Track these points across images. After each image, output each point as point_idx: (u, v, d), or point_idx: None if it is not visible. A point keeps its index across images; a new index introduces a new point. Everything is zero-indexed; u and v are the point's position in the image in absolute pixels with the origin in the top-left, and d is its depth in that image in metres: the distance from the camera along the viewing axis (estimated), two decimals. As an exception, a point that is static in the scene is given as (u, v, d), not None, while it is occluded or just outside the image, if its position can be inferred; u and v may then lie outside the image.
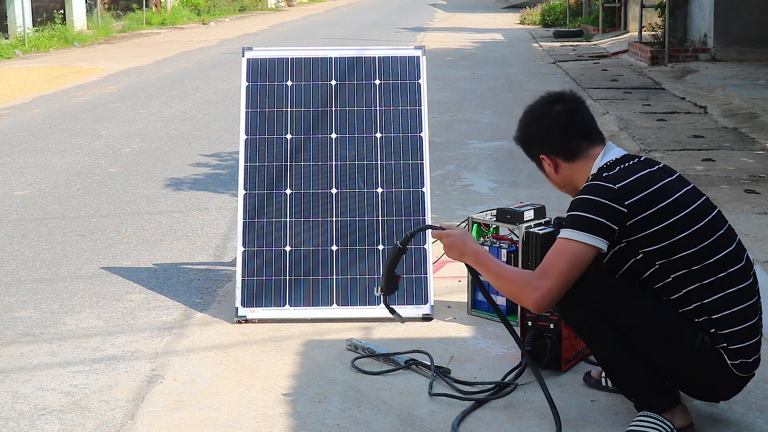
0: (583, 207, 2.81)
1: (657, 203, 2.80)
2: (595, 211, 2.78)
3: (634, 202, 2.79)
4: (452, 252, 3.05)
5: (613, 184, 2.82)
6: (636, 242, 2.81)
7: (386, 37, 20.77)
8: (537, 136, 3.05)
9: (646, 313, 2.84)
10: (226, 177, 7.12)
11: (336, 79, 4.45)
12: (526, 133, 3.10)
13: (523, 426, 3.08)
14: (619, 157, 2.94)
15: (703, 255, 2.80)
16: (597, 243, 2.77)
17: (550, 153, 3.03)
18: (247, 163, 4.29)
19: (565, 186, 3.10)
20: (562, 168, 3.03)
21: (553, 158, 3.03)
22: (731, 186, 6.20)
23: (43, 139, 8.90)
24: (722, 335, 2.80)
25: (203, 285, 4.61)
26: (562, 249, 2.80)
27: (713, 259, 2.80)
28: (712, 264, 2.80)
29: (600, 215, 2.78)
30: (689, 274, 2.80)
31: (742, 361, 2.82)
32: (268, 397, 3.32)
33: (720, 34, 13.35)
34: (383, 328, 3.97)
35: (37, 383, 3.48)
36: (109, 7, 25.95)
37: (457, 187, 6.67)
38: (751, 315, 2.83)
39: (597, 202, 2.79)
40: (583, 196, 2.84)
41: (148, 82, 13.33)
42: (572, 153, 3.00)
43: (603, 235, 2.77)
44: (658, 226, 2.79)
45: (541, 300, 2.79)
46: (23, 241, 5.46)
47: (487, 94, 11.63)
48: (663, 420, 2.89)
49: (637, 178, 2.84)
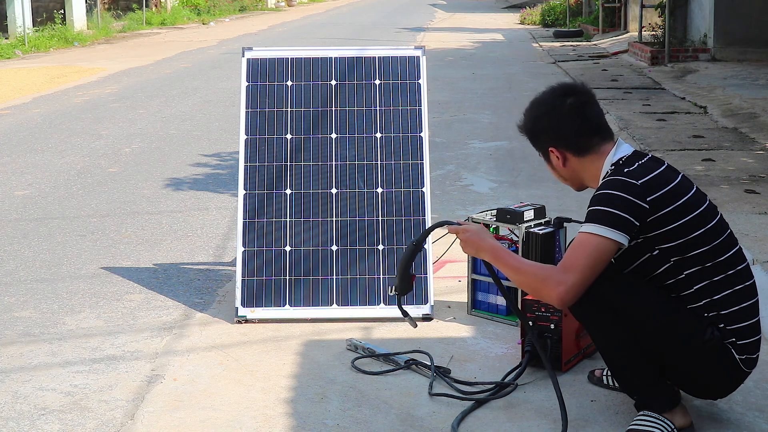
0: (606, 202, 2.80)
1: (675, 201, 2.81)
2: (618, 206, 2.78)
3: (655, 199, 2.80)
4: (469, 247, 3.03)
5: (636, 180, 2.82)
6: (653, 239, 2.82)
7: (386, 37, 20.78)
8: (548, 129, 3.02)
9: (656, 309, 2.85)
10: (226, 177, 7.12)
11: (336, 79, 4.45)
12: (536, 125, 3.06)
13: (523, 426, 3.08)
14: (631, 154, 2.93)
15: (715, 253, 2.83)
16: (619, 238, 2.77)
17: (560, 147, 3.01)
18: (247, 163, 4.29)
19: (569, 179, 3.09)
20: (570, 162, 3.02)
21: (562, 152, 3.01)
22: (731, 186, 6.20)
23: (43, 139, 8.90)
24: (730, 330, 2.83)
25: (203, 285, 4.61)
26: (585, 243, 2.78)
27: (724, 257, 2.84)
28: (722, 261, 2.83)
29: (623, 210, 2.77)
30: (702, 270, 2.82)
31: (747, 357, 2.86)
32: (268, 397, 3.32)
33: (720, 34, 13.34)
34: (383, 328, 3.97)
35: (37, 383, 3.48)
36: (109, 7, 25.96)
37: (457, 187, 6.67)
38: (754, 312, 2.88)
39: (620, 197, 2.79)
40: (606, 191, 2.82)
41: (148, 82, 13.33)
42: (584, 148, 2.98)
43: (625, 230, 2.77)
44: (676, 224, 2.80)
45: (565, 294, 2.77)
46: (23, 241, 5.46)
47: (487, 94, 11.62)
48: (663, 419, 2.90)
49: (656, 175, 2.85)
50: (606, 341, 2.95)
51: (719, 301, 2.83)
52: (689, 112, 9.50)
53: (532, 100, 3.12)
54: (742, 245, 3.08)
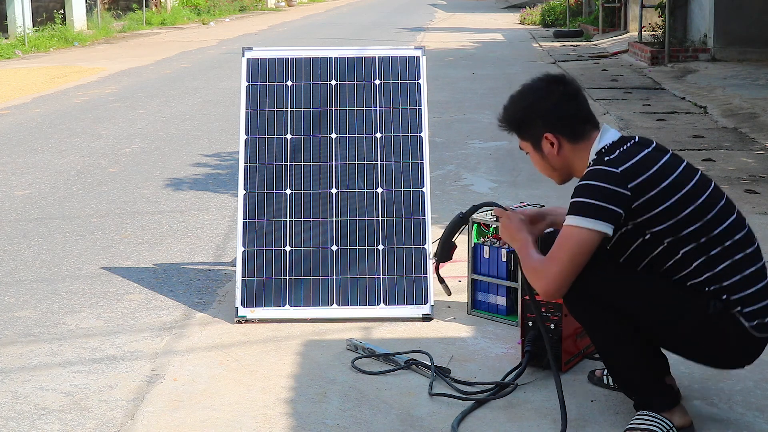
0: (587, 193, 2.81)
1: (659, 184, 2.81)
2: (599, 196, 2.79)
3: (637, 185, 2.79)
4: (505, 233, 3.11)
5: (616, 167, 2.82)
6: (642, 224, 2.82)
7: (386, 37, 20.77)
8: (545, 114, 2.98)
9: (655, 293, 2.85)
10: (226, 177, 7.12)
11: (336, 79, 4.45)
12: (530, 112, 3.02)
13: (523, 426, 3.08)
14: (616, 140, 2.93)
15: (709, 227, 2.81)
16: (602, 228, 2.78)
17: (557, 131, 2.99)
18: (247, 163, 4.29)
19: (559, 169, 3.06)
20: (564, 149, 3.00)
21: (558, 137, 2.99)
22: (731, 186, 6.20)
23: (43, 139, 8.90)
24: (735, 300, 2.80)
25: (203, 285, 4.61)
26: (567, 236, 2.82)
27: (718, 230, 2.82)
28: (718, 234, 2.82)
29: (603, 200, 2.78)
30: (697, 247, 2.81)
31: (758, 322, 2.81)
32: (268, 397, 3.33)
33: (720, 34, 13.34)
34: (383, 328, 3.97)
35: (37, 383, 3.48)
36: (109, 7, 25.96)
37: (457, 187, 6.67)
38: (761, 277, 2.84)
39: (601, 187, 2.79)
40: (586, 182, 2.84)
41: (148, 82, 13.33)
42: (578, 134, 2.98)
43: (608, 219, 2.78)
44: (663, 206, 2.80)
45: (546, 286, 2.85)
46: (23, 241, 5.46)
47: (487, 94, 11.62)
48: (662, 418, 2.90)
49: (637, 160, 2.84)
50: (605, 341, 2.95)
51: (720, 273, 2.80)
52: (689, 112, 9.51)
53: (516, 92, 3.10)
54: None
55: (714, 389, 3.30)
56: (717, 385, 3.34)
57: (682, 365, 3.33)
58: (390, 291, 4.08)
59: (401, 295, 4.07)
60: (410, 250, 4.14)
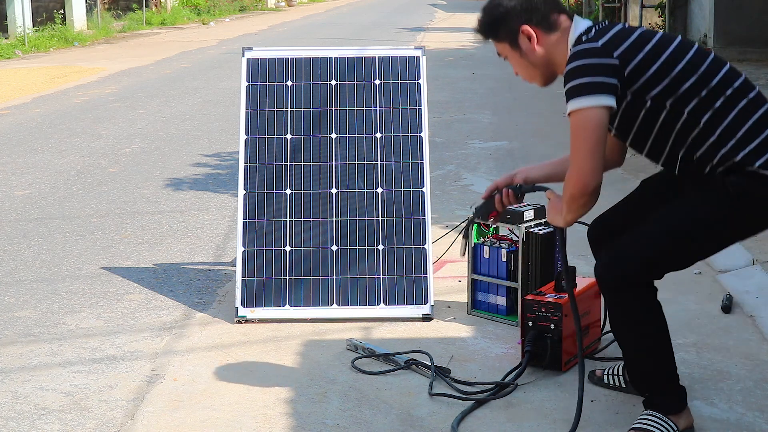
0: (578, 73, 2.77)
1: (642, 48, 2.79)
2: (591, 72, 2.75)
3: (622, 52, 2.77)
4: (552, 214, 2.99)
5: (596, 41, 2.80)
6: (640, 90, 2.79)
7: (386, 37, 20.78)
8: (519, 6, 2.95)
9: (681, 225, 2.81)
10: (226, 177, 7.12)
11: (336, 79, 4.45)
12: (502, 7, 2.99)
13: (523, 426, 3.08)
14: (590, 25, 2.91)
15: (705, 80, 2.78)
16: (605, 101, 2.73)
17: (532, 23, 2.95)
18: (247, 163, 4.29)
19: (540, 66, 3.01)
20: (542, 41, 2.96)
21: (534, 28, 2.95)
22: (731, 186, 6.19)
23: (43, 139, 8.91)
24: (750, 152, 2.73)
25: (203, 285, 4.61)
26: (576, 123, 2.76)
27: (715, 80, 2.79)
28: (716, 86, 2.78)
29: (596, 74, 2.74)
30: (700, 102, 2.77)
31: None
32: (268, 397, 3.33)
33: (720, 34, 13.34)
34: (383, 328, 3.97)
35: (37, 383, 3.48)
36: (109, 7, 25.96)
37: (457, 187, 6.67)
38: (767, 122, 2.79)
39: (588, 63, 2.76)
40: (573, 64, 2.79)
41: (148, 82, 13.33)
42: (553, 24, 2.94)
43: (607, 91, 2.74)
44: (655, 66, 2.78)
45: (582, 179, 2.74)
46: (23, 241, 5.46)
47: (487, 94, 11.63)
48: (668, 422, 2.88)
49: (615, 32, 2.82)
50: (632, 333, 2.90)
51: (731, 125, 2.74)
52: (689, 112, 9.50)
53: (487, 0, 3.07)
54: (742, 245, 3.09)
55: (714, 389, 3.30)
56: (717, 385, 3.34)
57: (682, 365, 3.33)
58: (390, 291, 4.08)
59: (401, 295, 4.07)
60: (410, 250, 4.14)
